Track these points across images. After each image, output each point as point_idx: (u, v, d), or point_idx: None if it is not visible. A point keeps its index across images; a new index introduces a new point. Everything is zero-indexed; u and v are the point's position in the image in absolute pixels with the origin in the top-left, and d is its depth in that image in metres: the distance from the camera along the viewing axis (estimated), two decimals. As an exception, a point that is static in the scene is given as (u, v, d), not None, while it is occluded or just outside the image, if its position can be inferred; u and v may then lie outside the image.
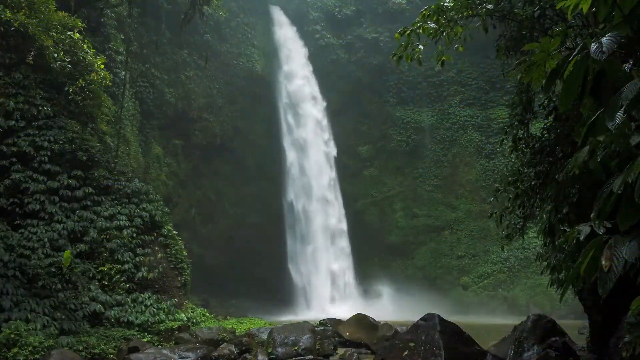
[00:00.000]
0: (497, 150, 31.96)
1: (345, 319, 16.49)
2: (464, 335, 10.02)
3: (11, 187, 14.96)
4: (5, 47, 15.87)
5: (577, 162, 3.38)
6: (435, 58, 9.26)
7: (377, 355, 10.22)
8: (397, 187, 34.69)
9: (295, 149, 33.04)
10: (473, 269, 31.35)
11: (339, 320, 16.70)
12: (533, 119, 9.53)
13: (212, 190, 31.91)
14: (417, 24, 8.91)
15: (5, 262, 12.83)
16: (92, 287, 14.73)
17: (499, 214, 9.62)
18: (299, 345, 12.94)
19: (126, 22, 22.73)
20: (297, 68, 34.33)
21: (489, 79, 33.82)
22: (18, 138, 15.46)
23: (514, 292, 29.49)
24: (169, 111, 28.02)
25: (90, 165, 16.80)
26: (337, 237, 32.23)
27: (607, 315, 8.44)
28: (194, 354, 12.10)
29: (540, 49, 3.62)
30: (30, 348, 11.21)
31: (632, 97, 2.82)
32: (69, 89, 16.42)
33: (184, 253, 17.74)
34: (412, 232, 33.56)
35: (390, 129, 35.42)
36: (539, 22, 8.66)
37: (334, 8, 36.23)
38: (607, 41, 3.05)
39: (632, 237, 2.77)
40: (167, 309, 15.67)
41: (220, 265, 30.71)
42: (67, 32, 16.62)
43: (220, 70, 31.50)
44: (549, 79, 3.52)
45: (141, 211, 17.14)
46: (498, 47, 9.61)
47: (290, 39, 35.21)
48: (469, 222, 32.50)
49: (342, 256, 31.85)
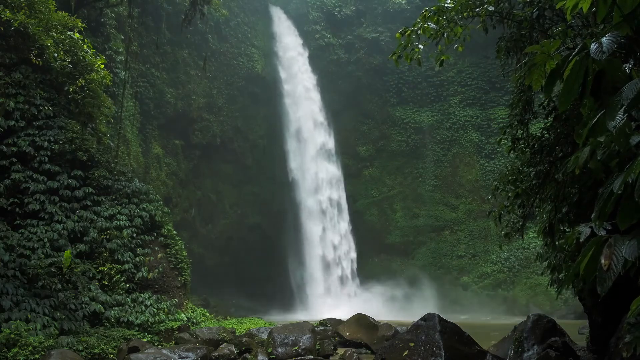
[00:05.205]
0: (497, 150, 32.00)
1: (345, 319, 16.50)
2: (464, 335, 10.01)
3: (11, 187, 14.96)
4: (5, 47, 15.86)
5: (578, 162, 3.38)
6: (435, 57, 9.26)
7: (377, 355, 10.21)
8: (397, 187, 34.72)
9: (296, 148, 33.04)
10: (473, 269, 31.36)
11: (339, 320, 16.71)
12: (533, 119, 9.52)
13: (212, 190, 31.93)
14: (418, 25, 8.91)
15: (5, 262, 12.84)
16: (92, 287, 14.74)
17: (497, 212, 9.61)
18: (299, 345, 12.94)
19: (126, 22, 22.73)
20: (297, 68, 34.32)
21: (489, 79, 33.85)
22: (18, 138, 15.46)
23: (514, 292, 29.51)
24: (169, 111, 28.03)
25: (90, 165, 16.80)
26: (338, 236, 32.23)
27: (607, 315, 8.44)
28: (194, 354, 12.09)
29: (540, 50, 3.62)
30: (30, 348, 11.21)
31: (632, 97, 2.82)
32: (69, 89, 16.42)
33: (184, 253, 17.74)
34: (412, 232, 33.58)
35: (390, 129, 35.44)
36: (538, 23, 8.67)
37: (334, 8, 36.24)
38: (607, 41, 3.05)
39: (632, 236, 2.77)
40: (167, 309, 15.68)
41: (220, 265, 30.74)
42: (67, 32, 16.62)
43: (220, 70, 31.51)
44: (549, 79, 3.52)
45: (141, 211, 17.14)
46: (498, 48, 9.61)
47: (290, 39, 35.20)
48: (469, 222, 32.52)
49: (342, 256, 31.85)
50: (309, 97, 33.85)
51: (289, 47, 34.87)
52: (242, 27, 33.15)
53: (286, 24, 35.72)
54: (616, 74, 3.12)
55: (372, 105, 35.86)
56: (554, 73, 3.47)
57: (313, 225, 31.60)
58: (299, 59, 34.66)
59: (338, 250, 31.76)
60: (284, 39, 35.12)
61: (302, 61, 34.67)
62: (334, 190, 33.09)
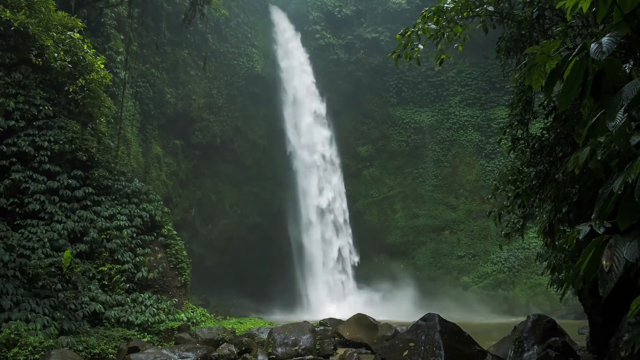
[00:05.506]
0: (497, 150, 31.99)
1: (345, 319, 16.50)
2: (464, 335, 10.01)
3: (11, 187, 14.96)
4: (5, 47, 15.86)
5: (578, 162, 3.38)
6: (435, 57, 9.27)
7: (377, 355, 10.21)
8: (397, 187, 34.71)
9: (297, 148, 33.04)
10: (473, 269, 31.36)
11: (339, 320, 16.70)
12: (533, 119, 9.52)
13: (212, 190, 31.93)
14: (418, 26, 8.92)
15: (5, 262, 12.84)
16: (92, 287, 14.74)
17: (497, 212, 9.61)
18: (299, 345, 12.94)
19: (126, 22, 22.73)
20: (296, 68, 34.30)
21: (489, 79, 33.83)
22: (18, 138, 15.46)
23: (514, 292, 29.50)
24: (169, 111, 28.02)
25: (90, 165, 16.80)
26: (339, 237, 32.24)
27: (607, 316, 8.44)
28: (194, 354, 12.09)
29: (540, 51, 3.62)
30: (30, 348, 11.21)
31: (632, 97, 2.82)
32: (69, 89, 16.42)
33: (184, 253, 17.75)
34: (412, 232, 33.57)
35: (390, 129, 35.42)
36: (538, 23, 8.67)
37: (334, 8, 36.22)
38: (607, 41, 3.05)
39: (633, 237, 2.77)
40: (167, 309, 15.68)
41: (220, 265, 30.73)
42: (67, 32, 16.62)
43: (220, 70, 31.50)
44: (549, 79, 3.52)
45: (141, 211, 17.14)
46: (498, 48, 9.61)
47: (290, 39, 35.17)
48: (469, 222, 32.51)
49: (342, 256, 31.85)
50: (309, 97, 33.83)
51: (288, 47, 34.85)
52: (242, 27, 33.14)
53: (286, 23, 35.70)
54: (616, 74, 3.12)
55: (372, 105, 35.85)
56: (554, 73, 3.47)
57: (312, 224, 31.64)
58: (299, 59, 34.62)
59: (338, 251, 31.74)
60: (284, 39, 35.09)
61: (302, 61, 34.63)
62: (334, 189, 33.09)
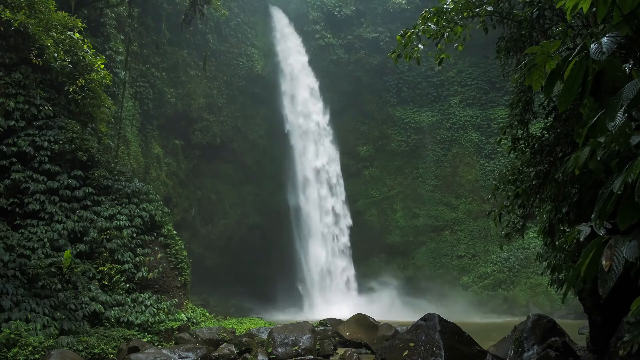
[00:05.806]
0: (497, 150, 31.99)
1: (345, 319, 16.49)
2: (464, 335, 10.01)
3: (11, 187, 14.96)
4: (5, 47, 15.87)
5: (578, 162, 3.37)
6: (435, 56, 9.27)
7: (377, 355, 10.21)
8: (397, 187, 34.70)
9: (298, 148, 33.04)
10: (473, 269, 31.35)
11: (339, 320, 16.69)
12: (533, 119, 9.51)
13: (212, 190, 31.93)
14: (418, 27, 8.92)
15: (5, 262, 12.84)
16: (92, 287, 14.74)
17: (497, 212, 9.60)
18: (299, 345, 12.94)
19: (126, 22, 22.74)
20: (296, 68, 34.28)
21: (489, 79, 33.83)
22: (18, 138, 15.46)
23: (514, 292, 29.50)
24: (169, 111, 28.02)
25: (90, 165, 16.80)
26: (339, 236, 32.24)
27: (607, 316, 8.44)
28: (194, 354, 12.09)
29: (540, 51, 3.62)
30: (30, 348, 11.22)
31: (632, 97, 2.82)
32: (69, 89, 16.42)
33: (184, 253, 17.75)
34: (412, 232, 33.57)
35: (390, 129, 35.42)
36: (538, 23, 8.67)
37: (334, 8, 36.22)
38: (607, 41, 3.05)
39: (633, 236, 2.77)
40: (167, 309, 15.68)
41: (220, 265, 30.73)
42: (67, 32, 16.62)
43: (220, 70, 31.50)
44: (549, 79, 3.52)
45: (141, 211, 17.15)
46: (498, 48, 9.61)
47: (290, 39, 35.16)
48: (469, 222, 32.51)
49: (342, 256, 31.86)
50: (309, 97, 33.83)
51: (288, 47, 34.83)
52: (242, 27, 33.14)
53: (286, 24, 35.68)
54: (616, 74, 3.12)
55: (372, 105, 35.85)
56: (554, 73, 3.47)
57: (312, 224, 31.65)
58: (299, 59, 34.61)
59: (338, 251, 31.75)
60: (284, 38, 35.08)
61: (302, 61, 34.62)
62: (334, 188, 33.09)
